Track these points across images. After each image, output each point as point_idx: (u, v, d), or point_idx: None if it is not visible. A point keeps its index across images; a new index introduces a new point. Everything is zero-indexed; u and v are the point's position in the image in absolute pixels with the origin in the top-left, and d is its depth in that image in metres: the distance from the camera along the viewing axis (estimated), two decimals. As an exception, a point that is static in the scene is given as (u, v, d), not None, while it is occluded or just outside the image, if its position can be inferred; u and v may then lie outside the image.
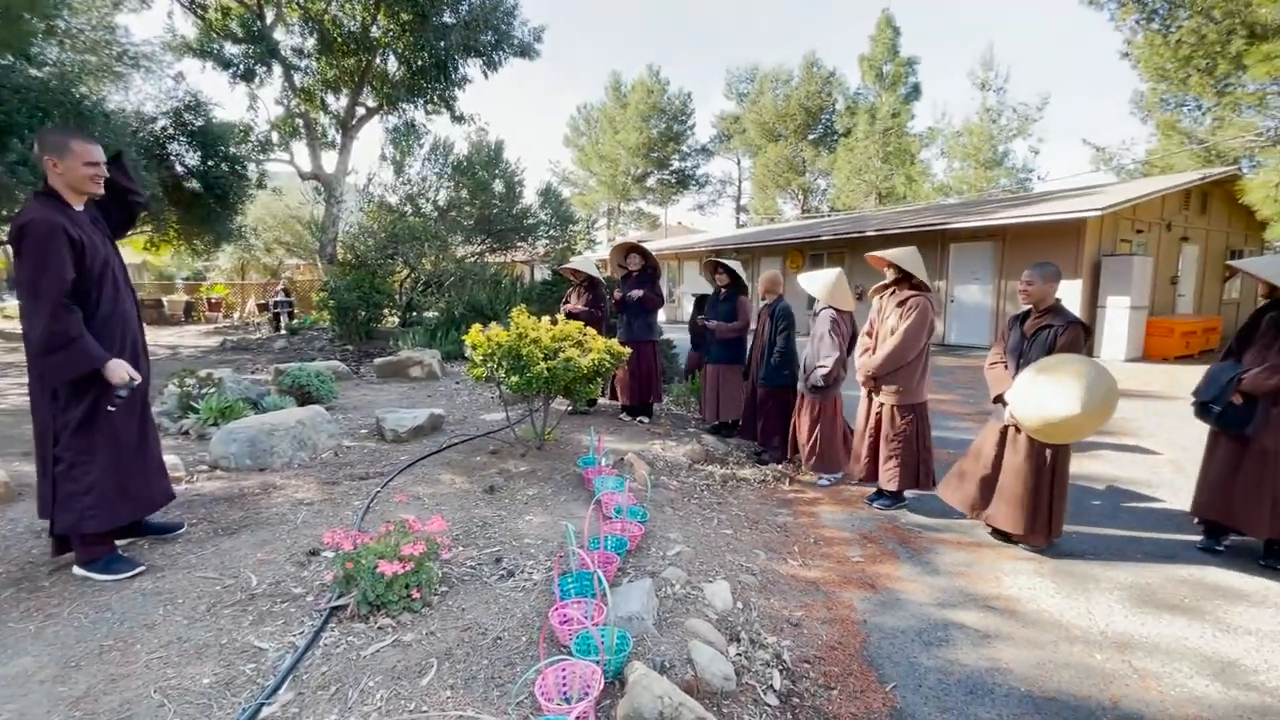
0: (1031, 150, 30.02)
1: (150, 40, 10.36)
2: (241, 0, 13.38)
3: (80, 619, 2.22)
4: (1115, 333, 10.69)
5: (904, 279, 3.91)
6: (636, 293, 5.53)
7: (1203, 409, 3.26)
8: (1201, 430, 3.45)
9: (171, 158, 10.84)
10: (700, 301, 6.47)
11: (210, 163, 11.10)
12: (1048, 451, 3.21)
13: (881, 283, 4.04)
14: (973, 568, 3.22)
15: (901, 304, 3.84)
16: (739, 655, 2.30)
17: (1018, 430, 3.26)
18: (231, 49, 13.64)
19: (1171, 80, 15.23)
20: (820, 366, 4.22)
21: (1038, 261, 3.43)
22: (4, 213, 7.87)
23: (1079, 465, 4.45)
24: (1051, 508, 3.26)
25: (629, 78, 36.19)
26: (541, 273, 14.82)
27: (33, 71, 7.54)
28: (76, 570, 2.52)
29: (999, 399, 3.36)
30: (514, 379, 3.98)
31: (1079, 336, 3.23)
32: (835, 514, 3.98)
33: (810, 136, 32.45)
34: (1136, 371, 9.49)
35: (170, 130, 10.82)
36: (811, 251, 16.19)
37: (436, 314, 11.94)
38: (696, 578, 2.80)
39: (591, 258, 5.70)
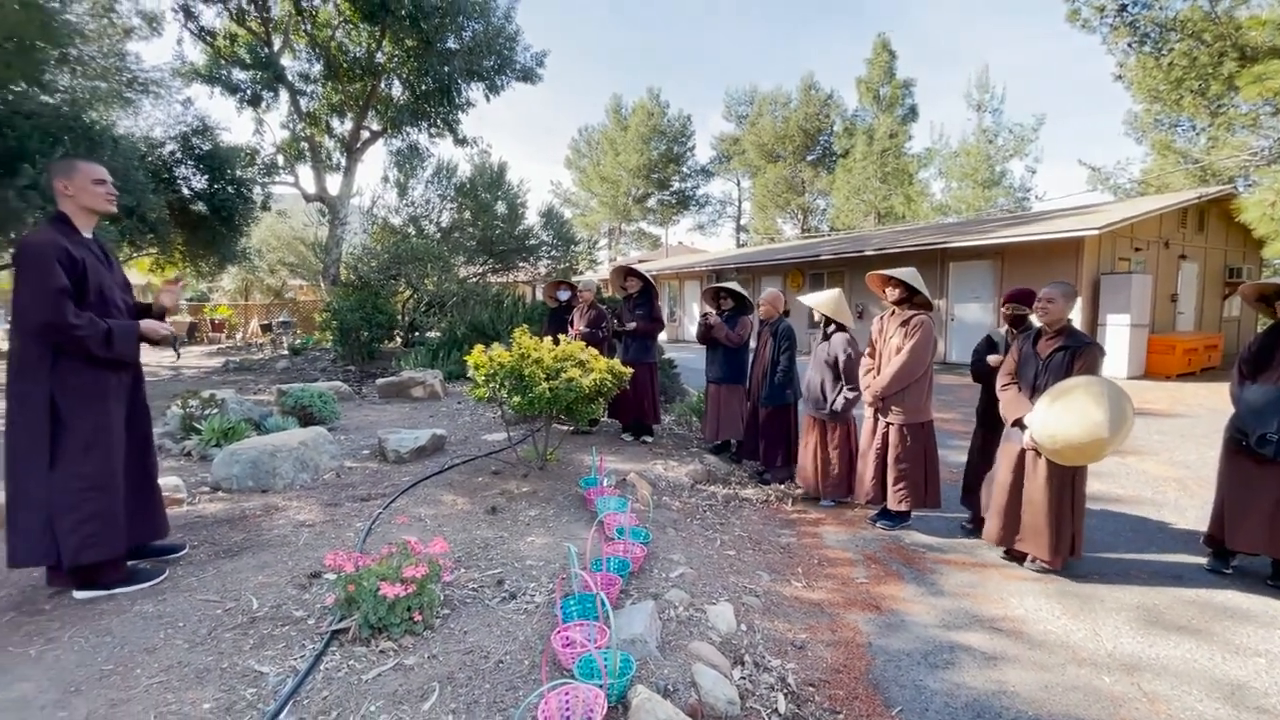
0: (1029, 170, 30.12)
1: (160, 66, 10.49)
2: (249, 28, 13.67)
3: (80, 643, 2.21)
4: (1116, 350, 10.68)
5: (907, 298, 3.94)
6: (631, 324, 5.65)
7: (1261, 440, 3.06)
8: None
9: (179, 181, 11.01)
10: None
11: (216, 186, 11.26)
12: (1067, 474, 3.17)
13: (893, 300, 3.97)
14: (978, 588, 3.20)
15: (905, 323, 3.86)
16: (743, 678, 2.28)
17: (1037, 454, 3.19)
18: (239, 75, 13.91)
19: (1165, 101, 15.45)
20: (851, 389, 4.17)
21: (1055, 280, 3.39)
22: (14, 236, 7.97)
23: (1083, 484, 4.44)
24: (1074, 530, 3.21)
25: (629, 100, 36.77)
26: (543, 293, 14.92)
27: (44, 98, 7.68)
28: (78, 594, 2.51)
29: (1018, 423, 3.28)
30: (516, 399, 3.99)
31: (1097, 359, 3.18)
32: (839, 534, 3.96)
33: (809, 157, 32.83)
34: (1139, 389, 9.47)
35: (178, 154, 11.00)
36: (812, 271, 16.28)
37: (439, 334, 11.98)
38: (699, 599, 2.78)
39: (591, 279, 5.78)
